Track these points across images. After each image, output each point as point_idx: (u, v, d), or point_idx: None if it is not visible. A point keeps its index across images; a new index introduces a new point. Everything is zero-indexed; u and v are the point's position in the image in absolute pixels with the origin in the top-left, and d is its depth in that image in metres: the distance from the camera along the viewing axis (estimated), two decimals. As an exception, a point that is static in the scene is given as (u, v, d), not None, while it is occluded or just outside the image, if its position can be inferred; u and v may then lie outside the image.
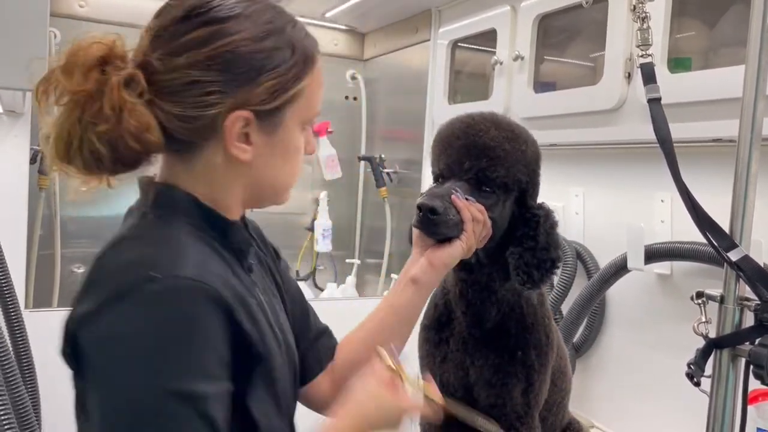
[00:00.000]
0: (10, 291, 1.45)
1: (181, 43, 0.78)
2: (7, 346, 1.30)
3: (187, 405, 0.70)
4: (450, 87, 2.37)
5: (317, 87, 0.86)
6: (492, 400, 1.15)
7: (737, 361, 1.01)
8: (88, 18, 2.38)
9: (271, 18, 0.81)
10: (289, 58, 0.81)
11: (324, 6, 2.65)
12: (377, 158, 2.81)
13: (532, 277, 1.07)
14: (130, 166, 0.80)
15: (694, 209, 1.02)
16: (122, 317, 0.71)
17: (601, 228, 1.83)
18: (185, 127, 0.78)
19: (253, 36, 0.79)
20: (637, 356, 1.71)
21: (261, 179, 0.85)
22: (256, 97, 0.79)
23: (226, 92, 0.78)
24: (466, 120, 1.08)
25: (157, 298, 0.71)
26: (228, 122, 0.79)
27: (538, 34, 1.92)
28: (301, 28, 0.85)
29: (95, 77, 0.75)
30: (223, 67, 0.77)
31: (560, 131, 1.83)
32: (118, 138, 0.75)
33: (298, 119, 0.84)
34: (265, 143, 0.82)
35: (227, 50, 0.77)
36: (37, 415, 1.46)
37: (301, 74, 0.82)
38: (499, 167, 1.04)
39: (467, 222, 1.01)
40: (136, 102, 0.75)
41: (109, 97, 0.74)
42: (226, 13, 0.79)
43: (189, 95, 0.77)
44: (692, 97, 1.40)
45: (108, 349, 0.71)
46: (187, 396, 0.70)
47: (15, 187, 1.83)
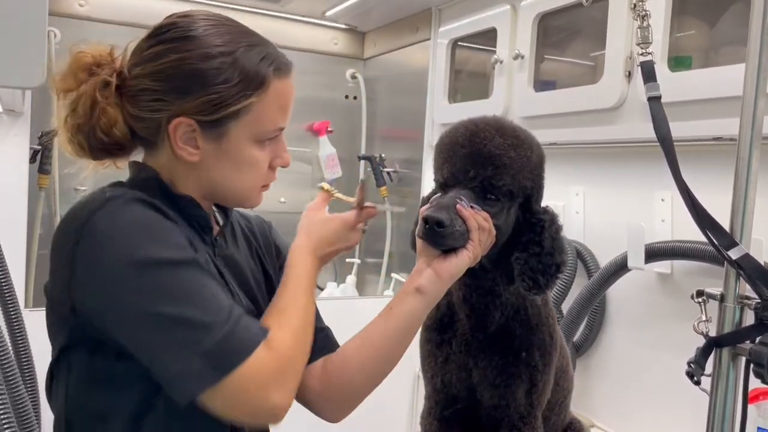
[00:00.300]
0: (9, 290, 1.45)
1: (143, 56, 0.93)
2: (6, 345, 1.30)
3: (189, 266, 0.86)
4: (450, 86, 2.37)
5: (273, 106, 0.95)
6: (495, 401, 1.15)
7: (738, 359, 1.01)
8: (88, 17, 2.38)
9: (222, 42, 0.92)
10: (230, 79, 0.90)
11: (324, 5, 2.65)
12: (377, 157, 2.80)
13: (538, 282, 1.06)
14: (108, 153, 0.97)
15: (694, 208, 1.01)
16: (107, 221, 0.85)
17: (602, 227, 1.83)
18: (141, 126, 0.94)
19: (199, 56, 0.90)
20: (637, 355, 1.71)
21: (214, 181, 0.97)
22: (195, 108, 0.90)
23: (169, 101, 0.91)
24: (469, 127, 1.06)
25: (119, 205, 0.87)
26: (171, 126, 0.91)
27: (539, 33, 1.92)
28: (258, 53, 0.93)
29: (81, 80, 0.92)
30: (167, 79, 0.90)
31: (560, 130, 1.83)
32: (91, 130, 0.93)
33: (248, 134, 0.94)
34: (213, 150, 0.94)
35: (173, 65, 0.90)
36: (36, 413, 1.45)
37: (245, 94, 0.91)
38: (504, 175, 1.02)
39: (473, 231, 0.99)
40: (106, 102, 0.92)
41: (85, 97, 0.91)
42: (181, 34, 0.92)
43: (142, 100, 0.92)
44: (692, 96, 1.40)
45: (110, 239, 0.85)
46: (181, 261, 0.86)
47: (15, 187, 1.83)
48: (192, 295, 0.85)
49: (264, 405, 0.86)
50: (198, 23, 0.93)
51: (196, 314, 0.83)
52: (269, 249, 1.18)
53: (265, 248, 1.17)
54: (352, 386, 1.04)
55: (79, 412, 0.93)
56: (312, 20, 2.84)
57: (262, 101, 0.93)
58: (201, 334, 0.82)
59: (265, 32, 1.00)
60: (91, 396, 0.91)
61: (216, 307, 0.85)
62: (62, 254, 0.87)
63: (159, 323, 0.83)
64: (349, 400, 1.06)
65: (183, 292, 0.84)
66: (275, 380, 0.87)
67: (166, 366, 0.84)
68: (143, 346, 0.85)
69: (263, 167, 0.99)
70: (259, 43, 0.95)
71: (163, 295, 0.83)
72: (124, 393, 0.90)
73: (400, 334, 1.02)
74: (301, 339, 0.94)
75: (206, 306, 0.84)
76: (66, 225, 0.89)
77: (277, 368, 0.87)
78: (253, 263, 1.13)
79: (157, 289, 0.83)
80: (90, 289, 0.85)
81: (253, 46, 0.94)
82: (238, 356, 0.84)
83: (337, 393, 1.05)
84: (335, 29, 2.94)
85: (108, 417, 0.90)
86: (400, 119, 2.85)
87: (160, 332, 0.83)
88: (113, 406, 0.90)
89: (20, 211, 1.85)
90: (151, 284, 0.83)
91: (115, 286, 0.84)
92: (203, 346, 0.82)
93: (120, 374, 0.89)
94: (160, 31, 0.93)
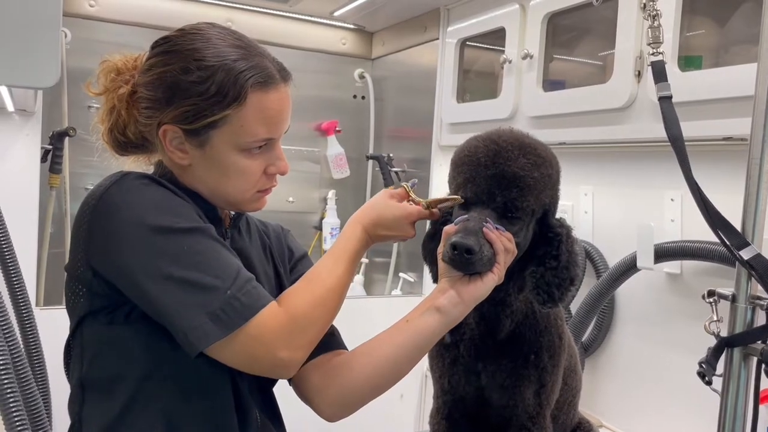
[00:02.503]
0: (21, 289, 1.46)
1: (143, 67, 1.02)
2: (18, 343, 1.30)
3: (196, 233, 0.93)
4: (459, 86, 2.37)
5: (253, 118, 0.98)
6: (504, 402, 1.15)
7: (749, 360, 1.01)
8: (99, 17, 2.39)
9: (205, 56, 0.97)
10: (206, 92, 0.96)
11: (332, 5, 2.65)
12: (385, 157, 2.80)
13: (553, 296, 1.06)
14: (127, 150, 1.08)
15: (705, 208, 1.01)
16: (119, 193, 0.94)
17: (611, 227, 1.83)
18: (145, 130, 1.03)
19: (180, 69, 0.97)
20: (646, 355, 1.71)
21: (206, 184, 1.03)
22: (177, 117, 0.97)
23: (157, 109, 0.99)
24: (491, 146, 1.03)
25: (131, 181, 0.96)
26: (160, 132, 1.00)
27: (548, 33, 1.91)
28: (240, 67, 0.97)
29: (106, 86, 1.04)
30: (154, 89, 0.99)
31: (569, 130, 1.83)
32: (111, 129, 1.05)
33: (230, 143, 0.99)
34: (199, 155, 1.01)
35: (159, 77, 0.98)
36: (47, 411, 1.46)
37: (223, 105, 0.96)
38: (528, 196, 1.01)
39: (500, 254, 0.98)
40: (120, 106, 1.03)
41: (106, 101, 1.04)
42: (170, 48, 0.99)
43: (141, 107, 1.01)
44: (703, 96, 1.39)
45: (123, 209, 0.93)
46: (190, 229, 0.93)
47: (26, 186, 1.85)
48: (198, 260, 0.91)
49: (271, 361, 0.93)
50: (188, 38, 0.99)
51: (201, 278, 0.90)
52: (281, 250, 1.22)
53: (278, 249, 1.21)
54: (352, 390, 1.04)
55: (92, 379, 1.00)
56: (320, 20, 2.84)
57: (239, 113, 0.97)
58: (206, 296, 0.90)
59: (273, 32, 1.03)
60: (103, 362, 0.99)
61: (221, 271, 0.92)
62: (81, 227, 0.95)
63: (167, 284, 0.90)
64: (348, 404, 1.05)
65: (189, 257, 0.91)
66: (280, 338, 0.92)
67: (175, 322, 0.90)
68: (154, 304, 0.91)
69: (253, 175, 1.03)
70: (246, 57, 0.99)
71: (172, 259, 0.90)
72: (133, 358, 0.97)
73: (411, 349, 1.01)
74: (320, 305, 0.98)
75: (212, 270, 0.91)
76: (85, 202, 0.97)
77: (284, 327, 0.93)
78: (265, 259, 1.16)
79: (166, 253, 0.91)
80: (107, 251, 0.93)
81: (238, 60, 0.98)
82: (242, 316, 0.90)
83: (336, 393, 1.05)
84: (343, 29, 2.95)
85: (118, 380, 0.98)
86: (409, 119, 2.85)
87: (168, 292, 0.90)
88: (123, 371, 0.98)
89: (32, 210, 1.86)
90: (160, 248, 0.91)
91: (129, 249, 0.91)
92: (207, 308, 0.89)
93: (129, 340, 0.97)
94: (156, 44, 1.02)
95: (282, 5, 2.67)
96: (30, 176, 1.86)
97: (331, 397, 1.05)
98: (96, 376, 1.00)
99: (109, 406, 0.98)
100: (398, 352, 1.01)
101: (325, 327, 1.00)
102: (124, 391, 0.97)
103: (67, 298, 1.01)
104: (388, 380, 1.03)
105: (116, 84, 1.03)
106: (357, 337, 1.16)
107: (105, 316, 0.97)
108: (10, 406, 1.02)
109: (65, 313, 1.03)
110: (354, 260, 1.06)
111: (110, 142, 1.07)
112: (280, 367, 0.95)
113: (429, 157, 2.56)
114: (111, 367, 0.99)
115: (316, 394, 1.06)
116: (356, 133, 3.01)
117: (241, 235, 1.13)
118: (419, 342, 1.01)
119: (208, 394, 1.01)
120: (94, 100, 2.34)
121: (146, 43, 1.05)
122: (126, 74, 1.03)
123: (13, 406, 1.04)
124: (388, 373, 1.02)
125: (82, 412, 1.01)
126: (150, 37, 1.05)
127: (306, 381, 1.08)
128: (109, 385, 0.99)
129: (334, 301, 1.01)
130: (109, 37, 2.39)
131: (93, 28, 2.38)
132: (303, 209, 2.95)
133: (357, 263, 1.07)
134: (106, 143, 1.08)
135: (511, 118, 2.03)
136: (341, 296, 1.02)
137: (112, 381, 0.98)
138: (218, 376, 1.00)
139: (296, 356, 0.95)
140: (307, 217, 2.98)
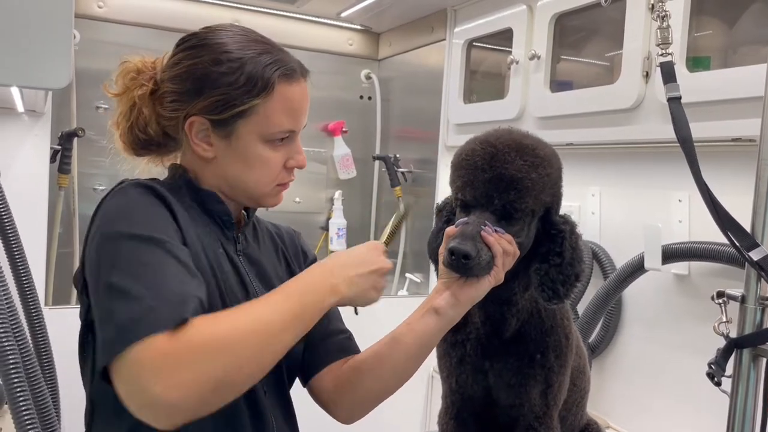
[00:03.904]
0: (31, 288, 1.46)
1: (168, 63, 1.05)
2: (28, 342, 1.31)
3: (151, 243, 0.87)
4: (465, 86, 2.37)
5: (279, 108, 1.01)
6: (511, 401, 1.15)
7: (758, 361, 1.00)
8: (107, 18, 2.40)
9: (233, 49, 1.01)
10: (236, 82, 0.99)
11: (339, 6, 2.65)
12: (392, 157, 2.81)
13: (558, 293, 1.06)
14: (146, 150, 1.09)
15: (715, 209, 1.01)
16: (109, 202, 0.95)
17: (618, 228, 1.83)
18: (167, 125, 1.04)
19: (209, 60, 1.00)
20: (653, 357, 1.70)
21: (229, 177, 1.04)
22: (206, 108, 1.00)
23: (184, 101, 1.01)
24: (487, 149, 1.03)
25: (125, 188, 0.96)
26: (186, 125, 1.01)
27: (555, 33, 1.91)
28: (266, 59, 1.01)
29: (126, 85, 1.06)
30: (183, 81, 1.01)
31: (577, 130, 1.82)
32: (130, 128, 1.07)
33: (255, 133, 1.01)
34: (224, 147, 1.02)
35: (188, 69, 1.01)
36: (56, 410, 1.47)
37: (250, 95, 0.99)
38: (526, 197, 1.01)
39: (498, 257, 0.99)
40: (142, 104, 1.04)
41: (127, 99, 1.06)
42: (197, 42, 1.03)
43: (166, 101, 1.03)
44: (711, 97, 1.39)
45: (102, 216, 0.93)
46: (148, 239, 0.87)
47: (35, 186, 1.86)
48: (140, 270, 0.83)
49: (142, 394, 0.75)
50: (215, 33, 1.03)
51: (133, 287, 0.81)
52: (296, 252, 1.23)
53: (292, 250, 1.22)
54: (362, 394, 1.08)
55: (100, 396, 0.98)
56: (327, 21, 2.84)
57: (267, 103, 1.00)
58: (126, 305, 0.79)
59: (280, 33, 1.05)
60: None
61: (157, 285, 0.81)
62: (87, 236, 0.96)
63: (106, 292, 0.83)
64: (359, 407, 1.10)
65: (133, 266, 0.84)
66: (161, 369, 0.75)
67: (98, 332, 0.84)
68: (96, 311, 0.86)
69: (275, 167, 1.05)
70: (270, 51, 1.03)
71: (116, 266, 0.84)
72: None
73: (414, 351, 1.03)
74: (233, 342, 0.79)
75: (147, 282, 0.81)
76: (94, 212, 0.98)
77: (170, 357, 0.75)
78: (277, 261, 1.17)
79: (114, 259, 0.85)
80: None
81: (263, 54, 1.02)
82: (138, 333, 0.76)
83: (348, 398, 1.10)
84: (350, 30, 2.95)
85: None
86: (415, 119, 2.85)
87: (104, 300, 0.83)
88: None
89: (41, 210, 1.87)
90: (111, 255, 0.86)
91: (90, 256, 0.90)
92: (121, 317, 0.79)
93: None
94: (182, 41, 1.05)
95: (289, 6, 2.67)
96: (39, 176, 1.87)
97: (344, 402, 1.10)
98: (103, 394, 0.95)
99: (117, 426, 0.95)
100: (402, 356, 1.04)
101: (229, 372, 0.78)
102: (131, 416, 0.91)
103: (80, 303, 1.01)
104: (396, 382, 1.07)
105: (137, 83, 1.05)
106: (364, 337, 1.17)
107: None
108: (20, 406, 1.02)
109: (74, 312, 1.04)
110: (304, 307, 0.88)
111: (129, 141, 1.08)
112: (150, 407, 0.76)
113: (435, 158, 2.56)
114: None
115: (331, 399, 1.11)
116: (363, 134, 3.01)
117: (249, 240, 1.13)
118: (421, 344, 1.03)
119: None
120: (103, 101, 2.37)
121: (154, 44, 1.07)
122: (146, 74, 1.05)
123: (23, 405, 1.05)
124: (395, 377, 1.06)
125: (92, 429, 1.01)
126: (158, 38, 1.07)
127: (321, 387, 1.12)
128: (116, 404, 0.90)
129: (256, 345, 0.81)
130: (118, 38, 2.40)
131: (101, 29, 2.38)
132: (309, 210, 2.95)
133: (312, 318, 0.89)
134: (124, 143, 1.09)
135: (518, 119, 2.03)
136: (270, 345, 0.82)
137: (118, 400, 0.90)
138: None
139: (170, 396, 0.74)
140: (313, 218, 2.98)
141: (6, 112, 1.81)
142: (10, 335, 1.01)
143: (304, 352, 1.15)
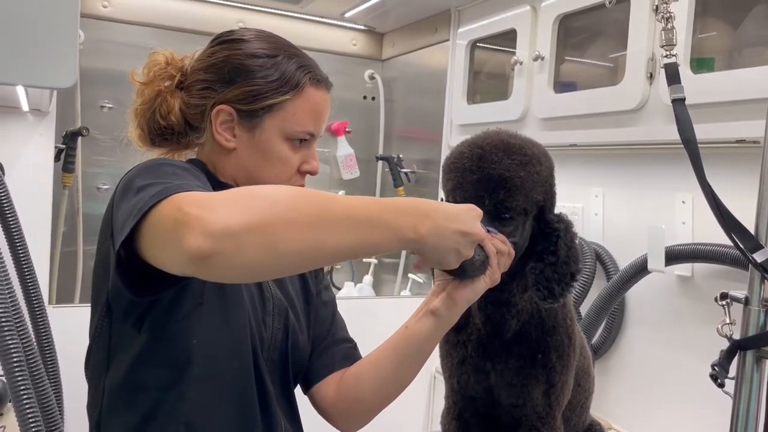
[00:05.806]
0: (35, 287, 1.47)
1: (202, 55, 1.08)
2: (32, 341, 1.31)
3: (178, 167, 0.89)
4: (469, 87, 2.37)
5: (305, 109, 1.05)
6: (513, 400, 1.15)
7: (762, 362, 1.00)
8: (112, 18, 2.40)
9: (268, 47, 1.05)
10: (269, 76, 1.02)
11: (343, 6, 2.66)
12: (395, 158, 2.81)
13: (553, 292, 1.06)
14: (164, 138, 1.09)
15: (719, 210, 1.01)
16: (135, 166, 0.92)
17: (621, 229, 1.82)
18: (191, 113, 1.05)
19: (245, 53, 1.04)
20: (656, 358, 1.70)
21: (247, 170, 1.05)
22: (236, 97, 1.02)
23: (215, 89, 1.03)
24: (475, 151, 1.04)
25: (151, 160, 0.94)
26: (213, 112, 1.03)
27: (559, 34, 1.91)
28: (297, 62, 1.06)
29: (154, 74, 1.07)
30: (217, 71, 1.04)
31: (580, 131, 1.82)
32: (151, 115, 1.07)
33: (279, 129, 1.03)
34: (247, 139, 1.04)
35: (223, 60, 1.04)
36: (60, 408, 1.47)
37: (281, 91, 1.02)
38: (517, 196, 1.01)
39: (492, 256, 0.97)
40: (167, 92, 1.06)
41: (152, 87, 1.07)
42: (234, 37, 1.07)
43: (195, 89, 1.05)
44: (715, 98, 1.39)
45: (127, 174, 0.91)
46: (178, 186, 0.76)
47: (40, 185, 1.86)
48: (163, 173, 0.84)
49: (178, 246, 0.68)
50: (250, 32, 1.08)
51: (158, 180, 0.80)
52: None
53: None
54: (363, 402, 1.09)
55: (114, 386, 0.98)
56: (331, 21, 2.85)
57: (295, 102, 1.04)
58: (152, 188, 0.77)
59: (284, 33, 1.11)
60: (126, 370, 0.97)
61: (178, 179, 0.81)
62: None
63: (131, 191, 0.83)
64: (361, 415, 1.11)
65: (157, 173, 0.84)
66: (203, 200, 0.69)
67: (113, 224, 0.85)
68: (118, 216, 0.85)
69: (292, 166, 1.06)
70: (301, 56, 1.08)
71: (141, 175, 0.85)
72: (156, 368, 0.96)
73: (414, 355, 1.04)
74: (287, 199, 0.72)
75: (169, 179, 0.80)
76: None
77: (211, 196, 0.71)
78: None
79: (136, 179, 0.85)
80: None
81: (294, 56, 1.07)
82: (167, 193, 0.73)
83: (349, 407, 1.10)
84: (354, 30, 2.95)
85: (141, 390, 0.96)
86: (419, 120, 2.86)
87: (130, 197, 0.82)
88: (146, 380, 0.96)
89: (45, 209, 1.87)
90: (132, 181, 0.85)
91: (115, 202, 0.88)
92: (148, 194, 0.76)
93: (151, 350, 0.95)
94: (219, 36, 1.09)
95: (293, 6, 2.68)
96: (43, 175, 1.88)
97: (344, 410, 1.10)
98: (118, 383, 0.98)
99: (129, 414, 0.97)
100: (402, 360, 1.05)
101: (272, 222, 0.69)
102: (146, 402, 0.97)
103: (94, 285, 1.01)
104: (396, 388, 1.08)
105: (166, 73, 1.07)
106: (366, 338, 1.17)
107: (125, 321, 0.95)
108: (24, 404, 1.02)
109: (78, 311, 1.05)
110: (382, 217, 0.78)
111: (147, 128, 1.08)
112: (191, 256, 0.67)
113: (439, 159, 2.56)
114: (135, 375, 0.97)
115: (332, 408, 1.11)
116: (366, 134, 3.01)
117: None
118: (420, 347, 1.04)
119: (233, 402, 1.00)
120: (107, 100, 2.38)
121: (159, 44, 1.10)
122: (175, 65, 1.08)
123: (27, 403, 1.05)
124: (394, 382, 1.07)
125: (100, 418, 1.01)
126: (162, 38, 1.08)
127: (323, 395, 1.13)
128: (130, 394, 0.98)
129: (302, 225, 0.71)
130: (122, 37, 2.40)
131: (106, 28, 2.39)
132: (313, 209, 2.95)
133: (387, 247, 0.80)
134: (142, 132, 1.09)
135: (522, 120, 2.03)
136: (319, 229, 0.72)
137: (134, 390, 0.98)
138: (244, 384, 1.00)
139: (204, 245, 0.66)
140: (316, 218, 2.98)
141: (11, 111, 1.82)
142: (14, 333, 1.02)
143: (310, 355, 1.15)
